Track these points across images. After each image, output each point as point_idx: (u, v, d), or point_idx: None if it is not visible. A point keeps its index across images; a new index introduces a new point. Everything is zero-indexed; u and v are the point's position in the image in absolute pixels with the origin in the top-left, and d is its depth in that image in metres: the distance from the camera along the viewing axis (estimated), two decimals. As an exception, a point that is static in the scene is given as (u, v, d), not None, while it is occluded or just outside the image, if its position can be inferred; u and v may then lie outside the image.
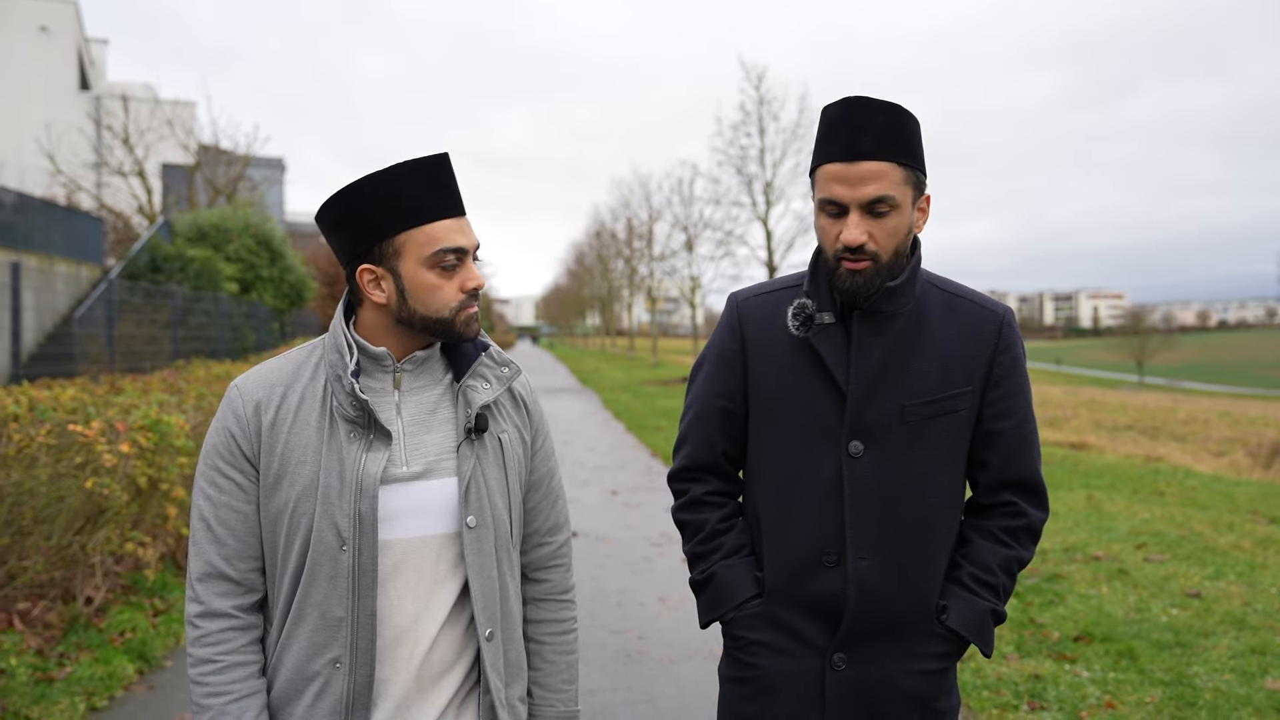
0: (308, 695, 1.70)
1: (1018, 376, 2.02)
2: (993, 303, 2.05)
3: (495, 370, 1.82)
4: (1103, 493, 10.72)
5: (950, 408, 1.97)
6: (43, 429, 5.26)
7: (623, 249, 53.09)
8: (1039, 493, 2.05)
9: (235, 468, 1.72)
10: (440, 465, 1.75)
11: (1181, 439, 25.98)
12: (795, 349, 2.00)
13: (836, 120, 1.89)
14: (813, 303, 1.97)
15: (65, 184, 26.19)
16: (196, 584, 1.72)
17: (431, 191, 1.69)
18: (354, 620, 1.68)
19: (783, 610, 2.00)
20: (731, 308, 2.12)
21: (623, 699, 4.57)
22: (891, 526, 1.95)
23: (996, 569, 2.00)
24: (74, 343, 15.97)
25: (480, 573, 1.75)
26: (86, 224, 21.96)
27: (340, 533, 1.67)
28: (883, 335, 1.95)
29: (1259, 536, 8.30)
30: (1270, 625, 5.69)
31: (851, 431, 1.95)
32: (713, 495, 2.11)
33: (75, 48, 30.56)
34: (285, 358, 1.81)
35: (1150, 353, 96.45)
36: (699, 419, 2.11)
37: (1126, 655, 5.14)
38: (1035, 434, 2.06)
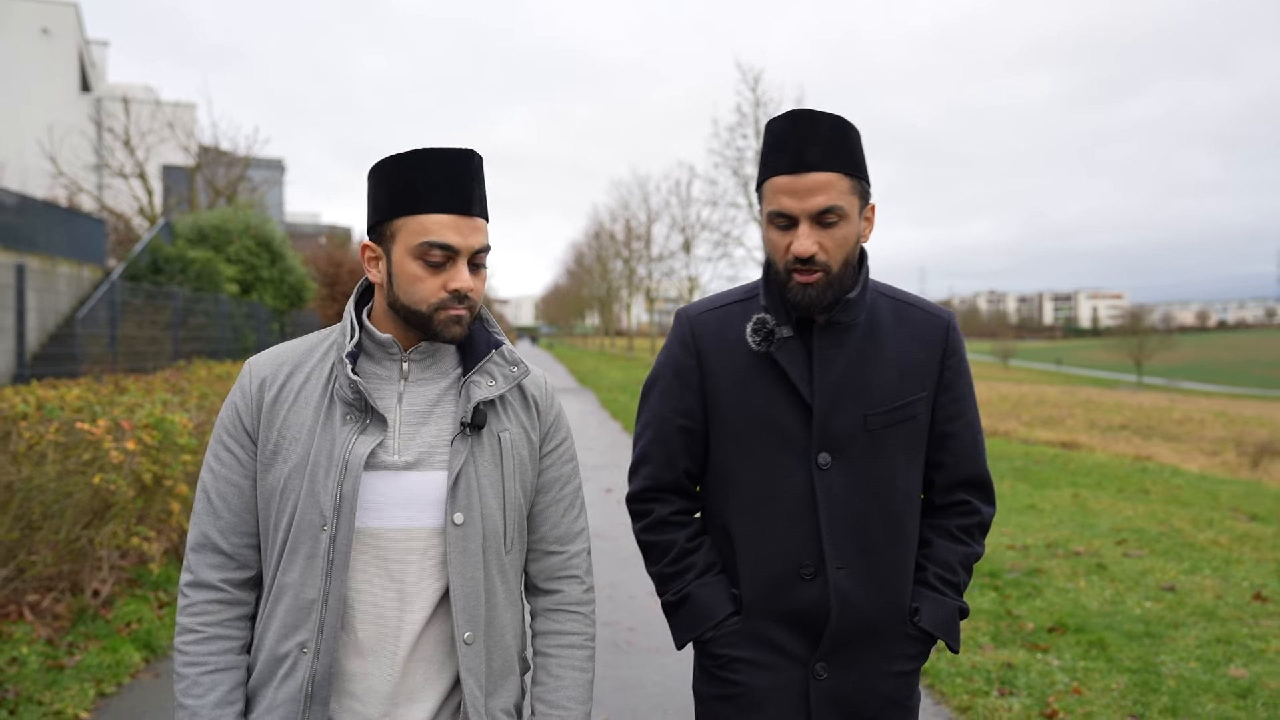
0: (276, 678, 1.69)
1: (965, 378, 2.09)
2: (938, 308, 2.11)
3: (504, 369, 1.79)
4: (1089, 491, 10.91)
5: (909, 414, 2.01)
6: (51, 427, 5.45)
7: (621, 250, 53.32)
8: (988, 489, 2.12)
9: (237, 442, 1.74)
10: (432, 457, 1.72)
11: (1175, 439, 26.19)
12: (755, 363, 2.00)
13: (782, 133, 1.91)
14: (771, 317, 1.98)
15: (67, 185, 26.37)
16: (190, 553, 1.73)
17: (438, 183, 1.66)
18: (324, 603, 1.66)
19: (762, 625, 2.01)
20: (683, 323, 2.11)
21: (611, 686, 4.75)
22: (864, 534, 1.98)
23: (958, 567, 2.06)
24: (76, 343, 16.14)
25: (463, 572, 1.71)
26: (88, 225, 22.16)
27: (323, 512, 1.66)
28: (843, 347, 1.98)
29: (1237, 533, 8.49)
30: (1238, 617, 5.88)
31: (819, 444, 1.97)
32: (678, 514, 2.10)
33: (76, 50, 30.74)
34: (302, 340, 1.82)
35: (1149, 353, 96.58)
36: (659, 438, 2.10)
37: (1097, 645, 5.33)
38: (981, 433, 2.12)
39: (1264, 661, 5.06)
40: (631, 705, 4.54)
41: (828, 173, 1.86)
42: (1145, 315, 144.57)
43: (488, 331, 1.83)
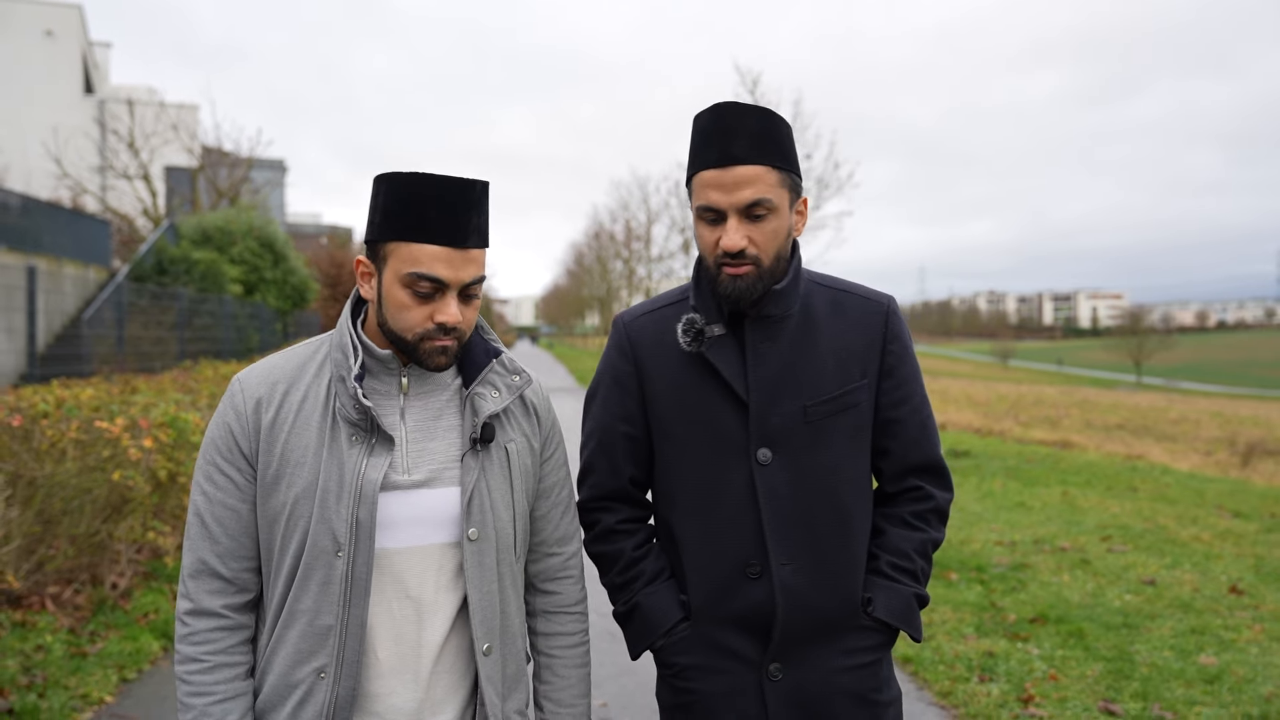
0: (289, 704, 1.66)
1: (909, 363, 2.05)
2: (876, 293, 2.07)
3: (506, 379, 1.77)
4: (1078, 489, 11.13)
5: (850, 402, 1.98)
6: (72, 425, 5.68)
7: (621, 250, 53.54)
8: (942, 474, 2.07)
9: (233, 465, 1.68)
10: (444, 474, 1.70)
11: (1170, 438, 26.38)
12: (689, 364, 1.99)
13: (709, 127, 1.89)
14: (701, 316, 1.96)
15: (71, 187, 26.59)
16: (188, 580, 1.68)
17: (434, 212, 1.61)
18: (343, 629, 1.63)
19: (711, 629, 1.98)
20: (619, 329, 2.09)
21: (608, 673, 4.97)
22: (809, 528, 1.95)
23: (913, 554, 2.01)
24: (82, 344, 16.36)
25: (480, 586, 1.71)
26: (93, 227, 22.37)
27: (336, 538, 1.62)
28: (776, 340, 1.96)
29: (1220, 529, 8.72)
30: (1213, 609, 6.10)
31: (758, 440, 1.94)
32: (625, 523, 2.08)
33: (80, 52, 30.96)
34: (290, 354, 1.76)
35: (1148, 353, 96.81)
36: (602, 446, 2.08)
37: (1075, 635, 5.55)
38: (931, 418, 2.08)
39: (1234, 650, 5.28)
40: (628, 691, 4.76)
41: (755, 166, 1.84)
42: (1145, 315, 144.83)
43: (485, 340, 1.81)
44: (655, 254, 45.44)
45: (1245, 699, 4.55)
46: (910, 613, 1.99)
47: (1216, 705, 4.49)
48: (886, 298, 2.06)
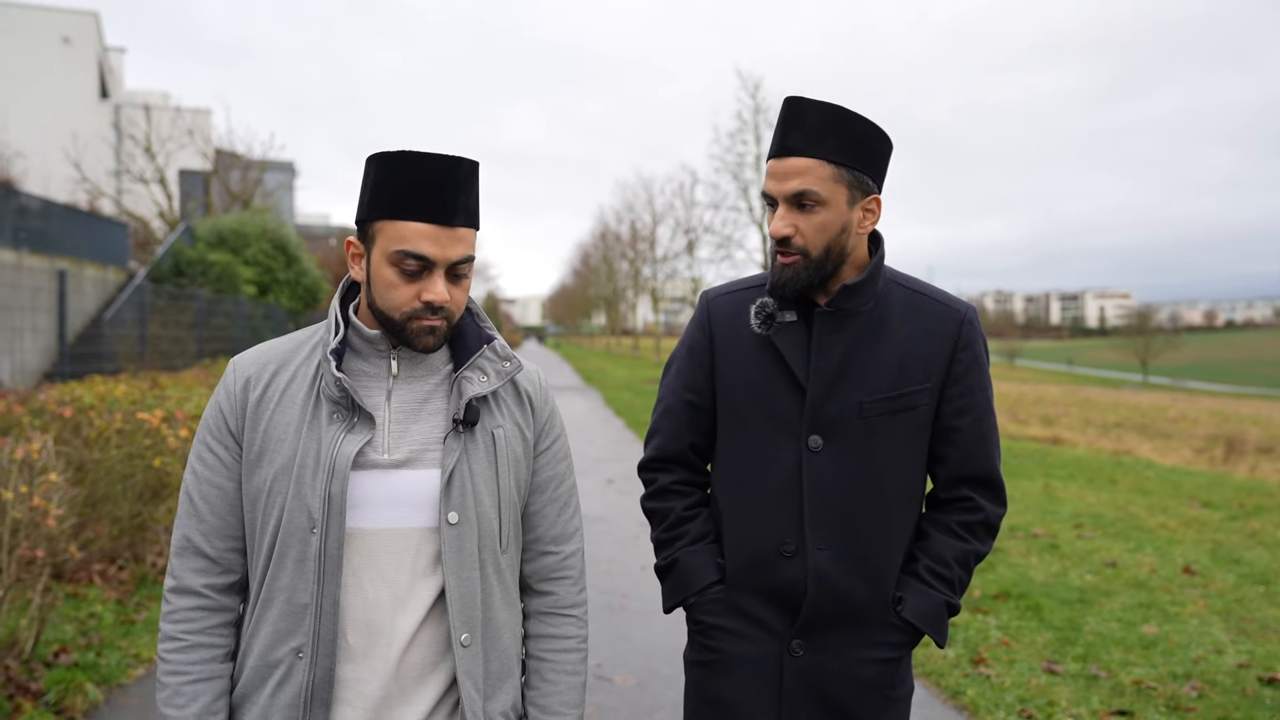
0: (269, 685, 1.64)
1: (977, 374, 2.06)
2: (957, 301, 2.09)
3: (496, 364, 1.75)
4: (1060, 482, 11.62)
5: (908, 404, 2.00)
6: (116, 417, 6.23)
7: (627, 251, 54.07)
8: (996, 488, 2.08)
9: (221, 443, 1.69)
10: (424, 455, 1.68)
11: (1167, 436, 26.75)
12: (759, 346, 2.04)
13: (779, 118, 2.00)
14: (774, 301, 2.01)
15: (89, 190, 27.22)
16: (173, 557, 1.68)
17: (422, 191, 1.61)
18: (318, 608, 1.62)
19: (743, 597, 2.04)
20: (703, 305, 2.18)
21: (605, 639, 5.50)
22: (849, 518, 1.99)
23: (952, 562, 2.03)
24: (104, 343, 16.92)
25: (459, 573, 1.67)
26: (112, 230, 22.98)
27: (311, 514, 1.62)
28: (843, 332, 2.00)
29: (1187, 518, 9.21)
30: (1165, 587, 6.61)
31: (811, 426, 1.99)
32: (679, 484, 2.15)
33: (96, 58, 31.57)
34: (289, 338, 1.78)
35: (1155, 353, 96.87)
36: (668, 412, 2.16)
37: (1033, 609, 6.06)
38: (994, 430, 2.09)
39: (1176, 622, 5.79)
40: (621, 654, 5.28)
41: (807, 158, 1.91)
42: (1152, 315, 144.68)
43: (479, 326, 1.80)
44: (660, 255, 45.99)
45: (1175, 660, 5.06)
46: (939, 619, 2.03)
47: (1148, 665, 5.00)
48: (966, 306, 2.09)
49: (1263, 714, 4.34)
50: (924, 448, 2.05)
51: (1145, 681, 4.76)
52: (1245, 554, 7.62)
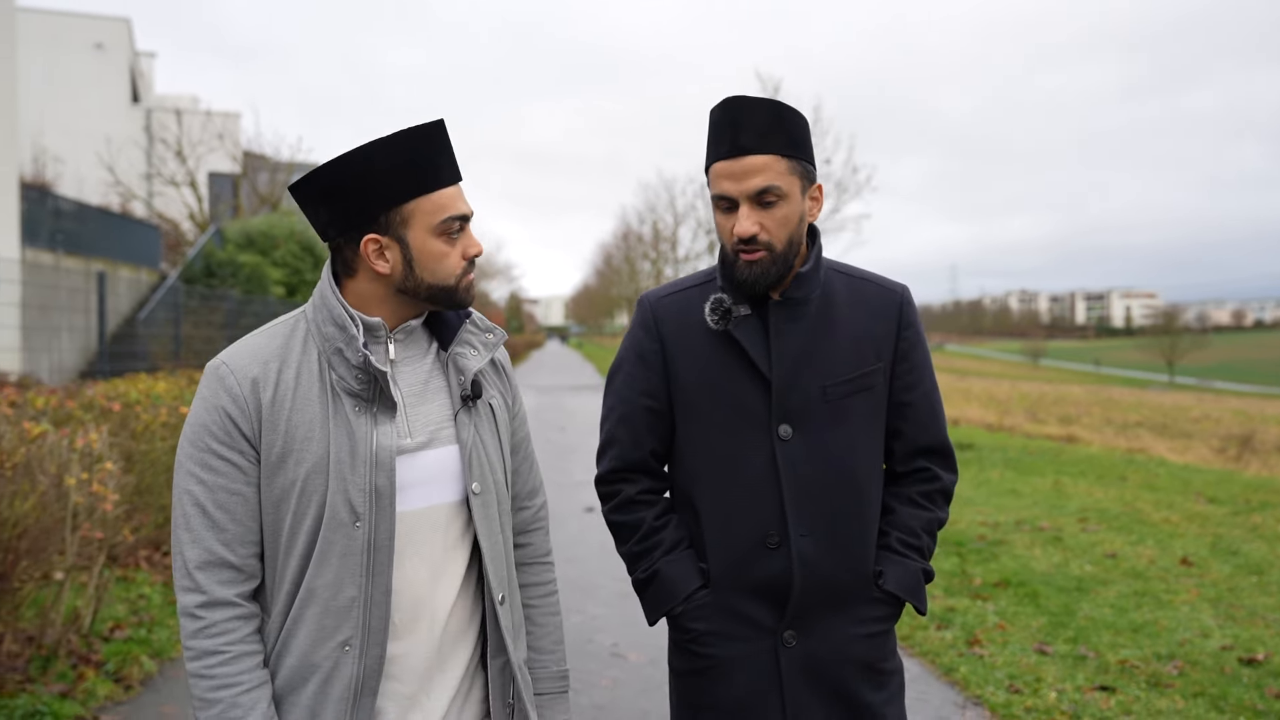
0: (313, 683, 1.65)
1: (921, 349, 2.14)
2: (891, 282, 2.17)
3: (481, 336, 1.82)
4: (1070, 478, 11.84)
5: (866, 384, 2.07)
6: (161, 411, 6.61)
7: (649, 251, 54.41)
8: (948, 456, 2.17)
9: (232, 449, 1.64)
10: (441, 434, 1.74)
11: (1187, 435, 26.81)
12: (714, 342, 2.06)
13: (720, 120, 1.98)
14: (728, 296, 2.04)
15: (121, 193, 27.84)
16: (196, 573, 1.62)
17: (436, 158, 1.66)
18: (367, 599, 1.64)
19: (729, 597, 2.05)
20: (645, 308, 2.17)
21: (619, 622, 5.82)
22: (826, 502, 2.03)
23: (920, 531, 2.10)
24: (138, 342, 17.41)
25: (489, 536, 1.76)
26: (145, 232, 23.56)
27: (354, 509, 1.63)
28: (799, 321, 2.03)
29: (1191, 513, 9.44)
30: (1161, 577, 6.87)
31: (779, 416, 2.03)
32: (645, 494, 2.15)
33: (128, 63, 32.21)
34: (267, 333, 1.74)
35: (1181, 353, 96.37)
36: (624, 419, 2.15)
37: (1030, 596, 6.34)
38: (940, 403, 2.19)
39: (1168, 609, 6.05)
40: (634, 635, 5.59)
41: (763, 155, 1.93)
42: (1179, 314, 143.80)
43: None
44: (682, 255, 46.29)
45: (1160, 643, 5.33)
46: (918, 587, 2.10)
47: (1134, 647, 5.27)
48: (901, 286, 2.17)
49: (1238, 690, 4.61)
50: (882, 425, 2.12)
51: (1130, 661, 5.03)
52: (1244, 546, 7.85)
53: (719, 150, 1.98)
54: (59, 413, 6.50)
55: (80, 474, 4.68)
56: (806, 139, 2.00)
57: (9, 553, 4.01)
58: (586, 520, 8.91)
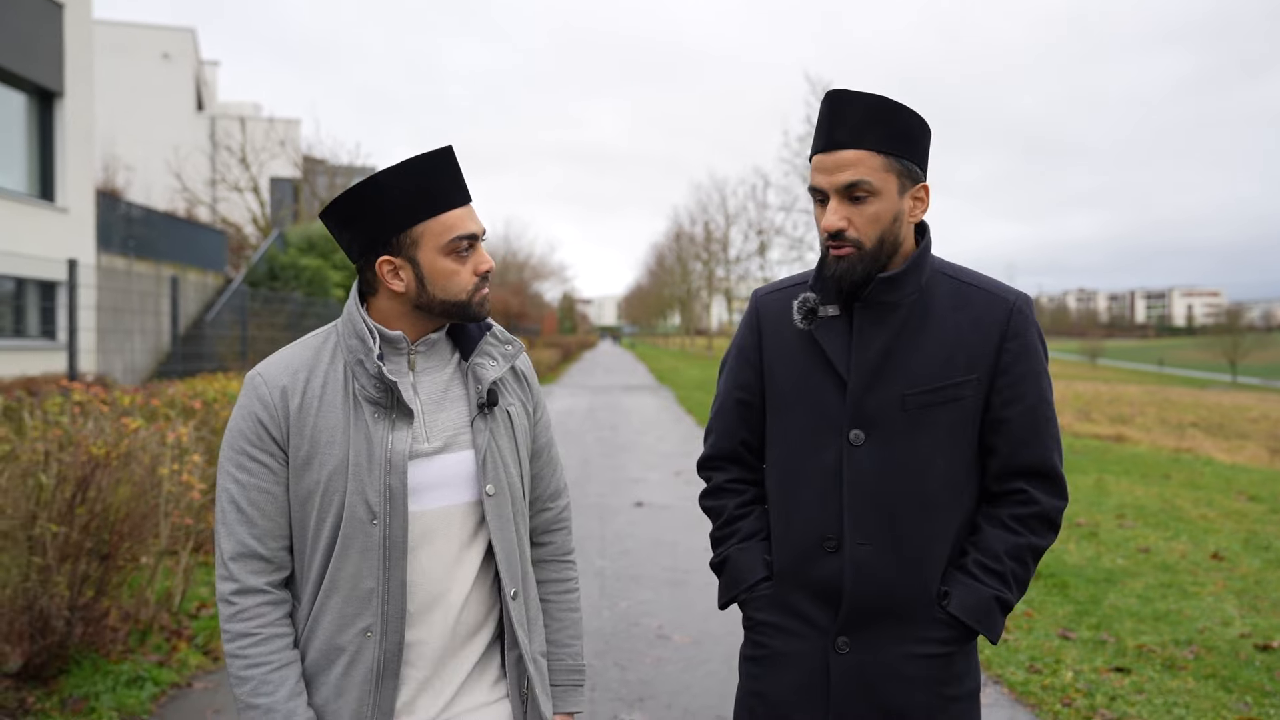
0: (339, 665, 1.79)
1: (1028, 363, 2.01)
2: (1008, 290, 2.06)
3: (500, 348, 1.93)
4: (1114, 476, 11.99)
5: (952, 395, 1.98)
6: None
7: (700, 252, 54.73)
8: (1052, 479, 2.02)
9: (264, 451, 1.79)
10: (458, 439, 1.85)
11: (1244, 436, 26.55)
12: (802, 342, 2.07)
13: (821, 114, 2.00)
14: (815, 296, 2.03)
15: (187, 199, 28.81)
16: (230, 563, 1.78)
17: (442, 183, 1.77)
18: (384, 590, 1.77)
19: (790, 593, 2.06)
20: (752, 304, 2.23)
21: (668, 606, 6.18)
22: (890, 512, 1.98)
23: (1003, 555, 1.98)
24: (205, 343, 18.10)
25: (502, 536, 1.87)
26: (211, 237, 24.41)
27: (371, 507, 1.76)
28: (884, 325, 1.99)
29: (1230, 510, 9.59)
30: (1190, 570, 7.08)
31: (853, 420, 1.99)
32: (732, 483, 2.19)
33: (193, 72, 33.26)
34: (301, 345, 1.89)
35: (1244, 352, 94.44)
36: (721, 410, 2.21)
37: (1060, 586, 6.60)
38: (1050, 422, 2.04)
39: (1193, 600, 6.28)
40: (680, 619, 5.95)
41: (856, 150, 1.91)
42: (1243, 313, 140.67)
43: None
44: (733, 256, 46.57)
45: (1180, 630, 5.58)
46: (988, 613, 1.97)
47: (1154, 634, 5.53)
48: (1017, 295, 2.05)
49: (1249, 673, 4.86)
50: (971, 441, 2.01)
51: (1148, 646, 5.29)
52: (1277, 543, 8.02)
53: (817, 143, 1.98)
54: (144, 410, 7.01)
55: (171, 465, 5.14)
56: (913, 136, 1.96)
57: (114, 534, 4.47)
58: (636, 514, 9.28)
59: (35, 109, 16.72)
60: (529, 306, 62.30)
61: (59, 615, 4.30)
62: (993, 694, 4.74)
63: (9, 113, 16.13)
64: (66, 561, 4.25)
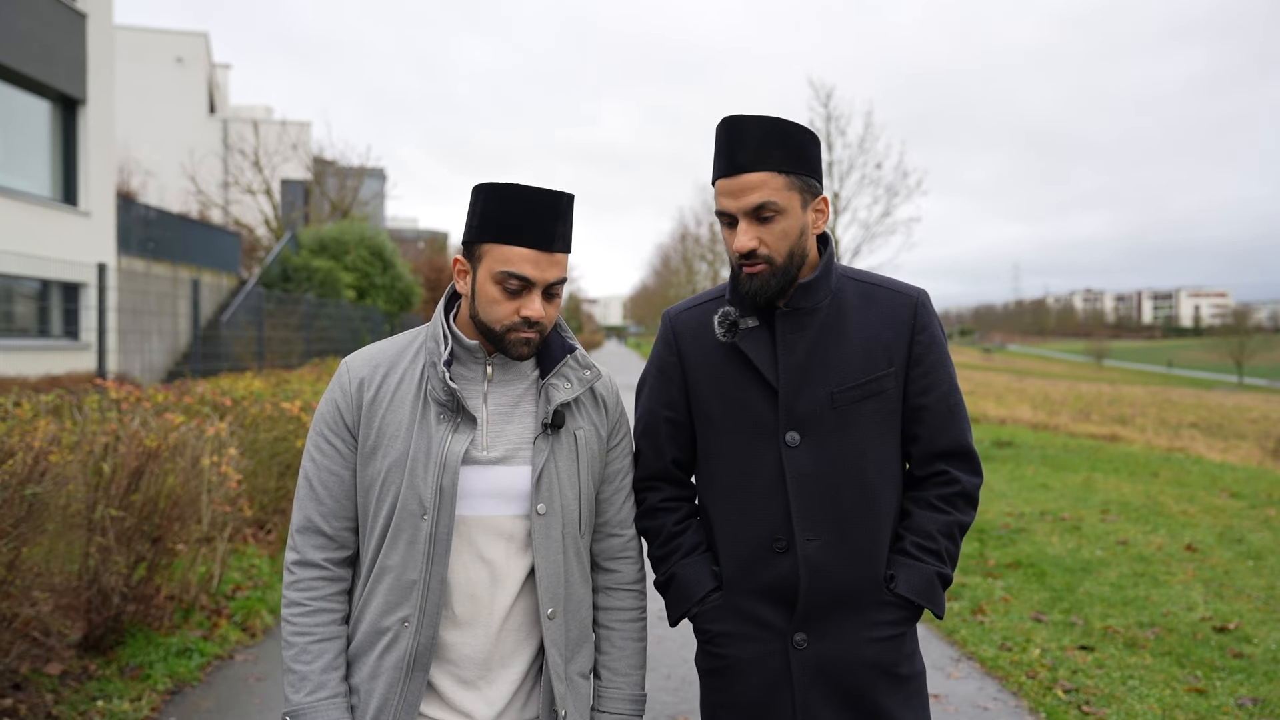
0: (378, 648, 1.85)
1: (937, 353, 2.13)
2: (907, 287, 2.17)
3: (578, 372, 1.94)
4: (1102, 475, 12.38)
5: (876, 389, 2.08)
6: (266, 406, 7.55)
7: (705, 253, 55.14)
8: (970, 459, 2.15)
9: (338, 436, 1.89)
10: (518, 454, 1.88)
11: (1241, 436, 26.87)
12: (725, 355, 2.13)
13: (719, 140, 2.04)
14: (735, 310, 2.09)
15: (201, 201, 29.32)
16: (296, 535, 1.88)
17: (525, 219, 1.80)
18: (425, 584, 1.82)
19: (741, 599, 2.10)
20: (666, 323, 2.26)
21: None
22: (834, 507, 2.05)
23: (937, 534, 2.09)
24: (221, 343, 18.55)
25: (546, 556, 1.88)
26: (225, 239, 24.90)
27: (423, 503, 1.81)
28: (805, 330, 2.08)
29: (1210, 506, 9.99)
30: (1164, 560, 7.49)
31: (787, 423, 2.07)
32: (667, 501, 2.21)
33: (205, 76, 33.76)
34: (393, 341, 1.97)
35: (1250, 353, 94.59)
36: (647, 431, 2.22)
37: (1038, 575, 7.02)
38: (960, 405, 2.17)
39: (1163, 588, 6.69)
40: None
41: (759, 172, 1.98)
42: (1250, 314, 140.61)
43: (562, 337, 1.99)
44: (738, 257, 46.92)
45: (1145, 613, 6.00)
46: (932, 590, 2.08)
47: (1120, 617, 5.95)
48: (917, 290, 2.17)
49: (1204, 650, 5.28)
50: (896, 431, 2.13)
51: (1114, 627, 5.72)
52: (1250, 535, 8.42)
53: (719, 168, 2.04)
54: (177, 407, 7.46)
55: (211, 457, 5.59)
56: (808, 154, 2.03)
57: (163, 520, 4.91)
58: (639, 508, 9.72)
59: (59, 116, 17.20)
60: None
61: (116, 591, 4.74)
62: (965, 668, 5.17)
63: (34, 119, 16.62)
64: (124, 543, 4.69)
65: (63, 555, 4.38)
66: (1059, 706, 4.55)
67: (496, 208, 1.81)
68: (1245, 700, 4.59)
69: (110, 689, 4.46)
